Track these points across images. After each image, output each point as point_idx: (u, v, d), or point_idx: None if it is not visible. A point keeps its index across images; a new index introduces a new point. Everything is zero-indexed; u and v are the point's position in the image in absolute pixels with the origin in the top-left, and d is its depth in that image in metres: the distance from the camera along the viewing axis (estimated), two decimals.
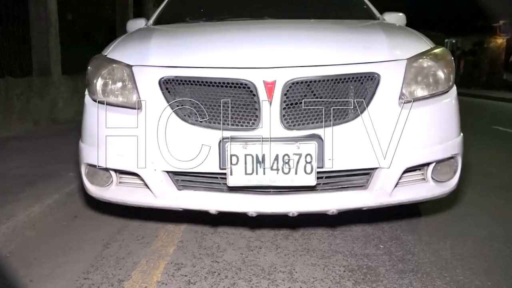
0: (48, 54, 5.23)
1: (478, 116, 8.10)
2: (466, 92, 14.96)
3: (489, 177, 3.30)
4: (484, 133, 5.67)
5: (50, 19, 5.22)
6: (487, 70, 18.88)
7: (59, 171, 2.97)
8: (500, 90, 16.21)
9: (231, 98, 1.64)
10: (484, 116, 8.71)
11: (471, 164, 3.27)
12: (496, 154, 4.33)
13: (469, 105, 10.98)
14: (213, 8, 2.98)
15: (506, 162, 3.92)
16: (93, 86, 1.87)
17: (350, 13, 2.91)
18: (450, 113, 1.80)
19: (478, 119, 7.39)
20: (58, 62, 5.48)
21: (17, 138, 4.27)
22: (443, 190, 1.81)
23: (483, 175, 3.29)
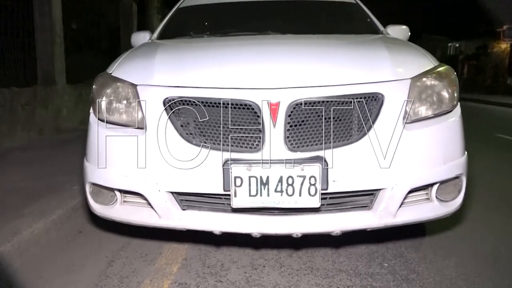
0: (53, 63, 5.26)
1: (481, 123, 8.08)
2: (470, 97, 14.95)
3: (492, 189, 3.28)
4: (488, 142, 5.65)
5: (55, 28, 5.26)
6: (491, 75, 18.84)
7: (63, 184, 2.98)
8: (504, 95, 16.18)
9: (235, 119, 1.65)
10: (488, 123, 8.67)
11: (474, 175, 3.26)
12: (500, 164, 4.31)
13: (472, 110, 10.97)
14: (216, 22, 3.00)
15: (510, 173, 3.90)
16: (97, 104, 1.88)
17: (353, 27, 2.92)
18: (454, 133, 1.80)
19: (481, 126, 7.38)
20: (62, 71, 5.51)
21: (21, 148, 4.29)
22: (447, 210, 1.80)
23: (487, 187, 3.28)
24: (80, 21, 6.60)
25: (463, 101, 5.97)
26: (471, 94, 16.71)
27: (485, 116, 10.24)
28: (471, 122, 6.63)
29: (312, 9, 3.06)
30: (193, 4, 3.18)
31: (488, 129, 7.07)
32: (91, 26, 7.08)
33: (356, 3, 3.13)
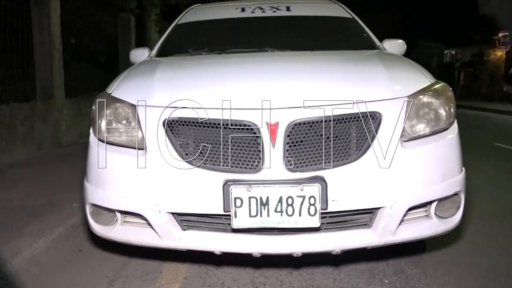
0: (52, 78, 5.28)
1: (479, 131, 8.08)
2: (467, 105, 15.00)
3: (492, 200, 3.29)
4: (486, 151, 5.66)
5: (53, 43, 5.29)
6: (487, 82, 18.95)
7: (63, 201, 2.98)
8: (501, 102, 16.26)
9: (234, 139, 1.66)
10: (486, 131, 8.69)
11: (473, 186, 3.26)
12: (498, 175, 4.32)
13: (469, 118, 11.01)
14: (215, 38, 3.02)
15: (509, 184, 3.91)
16: (97, 125, 1.88)
17: (350, 42, 2.95)
18: (452, 150, 1.81)
19: (479, 135, 7.38)
20: (61, 86, 5.53)
21: (20, 164, 4.29)
22: (446, 227, 1.81)
23: (486, 199, 3.29)
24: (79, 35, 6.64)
25: (461, 109, 5.94)
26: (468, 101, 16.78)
27: (482, 124, 10.27)
28: (469, 130, 6.64)
29: (310, 24, 3.09)
30: (191, 20, 3.20)
31: (486, 138, 7.07)
32: (90, 40, 7.12)
33: (353, 18, 3.15)
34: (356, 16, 3.22)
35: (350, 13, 3.21)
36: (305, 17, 3.13)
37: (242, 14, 3.14)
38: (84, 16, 6.68)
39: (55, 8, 5.29)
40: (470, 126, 8.50)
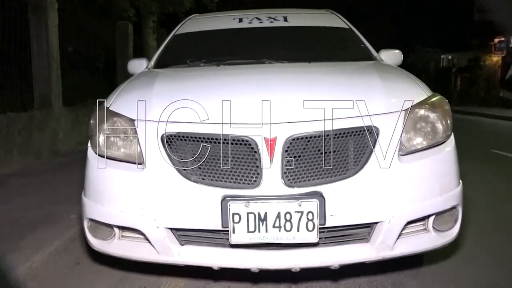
0: (50, 87, 5.29)
1: (476, 137, 8.11)
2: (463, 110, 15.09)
3: (489, 210, 3.30)
4: (483, 158, 5.67)
5: (51, 53, 5.30)
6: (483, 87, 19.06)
7: (60, 212, 2.97)
8: (497, 107, 16.35)
9: (232, 154, 1.66)
10: (482, 137, 8.73)
11: (471, 195, 3.26)
12: (496, 183, 4.33)
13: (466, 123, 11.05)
14: (212, 49, 3.02)
15: (506, 193, 3.92)
16: (95, 139, 1.88)
17: (347, 53, 2.96)
18: (449, 164, 1.82)
19: (476, 141, 7.40)
20: (59, 95, 5.54)
21: (18, 174, 4.28)
22: (444, 240, 1.81)
23: (484, 209, 3.29)
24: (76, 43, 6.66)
25: (457, 114, 5.94)
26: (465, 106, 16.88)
27: (479, 129, 10.32)
28: (465, 137, 6.65)
29: (307, 35, 3.11)
30: (189, 31, 3.21)
31: (483, 144, 7.09)
32: (87, 48, 7.14)
33: (350, 28, 3.17)
34: (352, 26, 3.24)
35: (347, 23, 3.23)
36: (302, 28, 3.15)
37: (240, 25, 3.15)
38: (82, 25, 6.70)
39: (53, 17, 5.31)
40: (467, 132, 8.53)
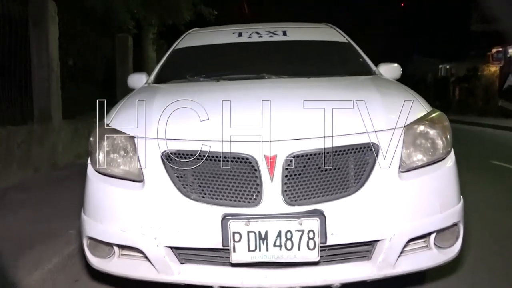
0: (49, 100, 5.29)
1: (475, 148, 8.10)
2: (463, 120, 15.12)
3: (490, 224, 3.28)
4: (483, 170, 5.66)
5: (51, 65, 5.32)
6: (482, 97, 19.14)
7: (59, 228, 2.94)
8: (496, 117, 16.40)
9: (233, 172, 1.66)
10: (482, 147, 8.72)
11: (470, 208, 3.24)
12: (496, 196, 4.31)
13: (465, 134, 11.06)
14: (212, 64, 3.04)
15: (507, 205, 3.90)
16: (95, 156, 1.88)
17: (346, 67, 2.98)
18: (449, 180, 1.82)
19: (475, 152, 7.39)
20: (59, 107, 5.54)
21: (16, 188, 4.26)
22: (446, 257, 1.80)
23: (484, 222, 3.27)
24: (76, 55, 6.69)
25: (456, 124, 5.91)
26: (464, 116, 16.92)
27: (478, 140, 10.32)
28: (465, 147, 6.64)
29: (306, 49, 3.12)
30: (189, 45, 3.22)
31: (482, 155, 7.08)
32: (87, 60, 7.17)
33: (349, 42, 3.18)
34: (351, 40, 3.26)
35: (345, 37, 3.25)
36: (301, 42, 3.16)
37: (239, 39, 3.17)
38: (82, 37, 6.74)
39: (54, 31, 5.34)
40: (466, 142, 8.53)
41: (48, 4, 5.25)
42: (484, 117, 16.76)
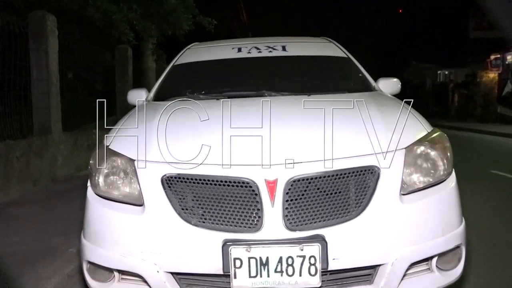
0: (49, 114, 5.29)
1: (474, 157, 8.03)
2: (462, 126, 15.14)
3: (492, 238, 3.27)
4: (483, 179, 5.64)
5: (51, 79, 5.32)
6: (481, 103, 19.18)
7: (59, 246, 2.93)
8: (495, 123, 16.43)
9: (233, 197, 1.65)
10: (482, 155, 8.69)
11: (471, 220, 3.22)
12: (497, 207, 4.29)
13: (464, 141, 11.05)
14: (211, 81, 3.04)
15: (508, 217, 3.88)
16: (95, 179, 1.87)
17: (346, 83, 2.98)
18: (451, 202, 1.81)
19: (475, 160, 7.35)
20: (58, 121, 5.54)
21: (16, 203, 4.24)
22: (448, 280, 1.79)
23: (485, 236, 3.26)
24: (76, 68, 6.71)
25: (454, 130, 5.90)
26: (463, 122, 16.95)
27: (477, 147, 10.30)
28: (464, 156, 6.62)
29: (306, 65, 3.13)
30: (188, 61, 3.22)
31: (482, 164, 7.05)
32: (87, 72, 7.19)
33: (348, 57, 3.19)
34: (350, 54, 3.26)
35: (345, 52, 3.25)
36: (301, 58, 3.17)
37: (239, 55, 3.17)
38: (81, 49, 6.75)
39: (53, 44, 5.36)
40: (465, 150, 8.51)
41: (48, 18, 5.27)
42: (483, 124, 16.79)
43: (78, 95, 6.86)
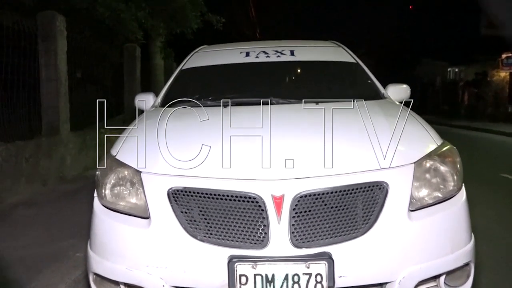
0: (58, 114, 5.32)
1: (483, 159, 7.83)
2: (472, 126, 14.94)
3: (500, 245, 3.22)
4: (493, 184, 5.53)
5: (60, 79, 5.35)
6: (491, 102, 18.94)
7: (67, 250, 2.95)
8: (506, 123, 16.21)
9: (239, 212, 1.64)
10: (491, 157, 8.52)
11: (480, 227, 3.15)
12: (506, 213, 4.23)
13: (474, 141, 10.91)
14: (219, 86, 3.03)
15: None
16: (101, 190, 1.87)
17: (355, 90, 2.94)
18: (460, 219, 1.78)
19: (484, 163, 7.13)
20: (67, 121, 5.57)
21: (25, 203, 4.28)
22: None
23: (494, 243, 3.20)
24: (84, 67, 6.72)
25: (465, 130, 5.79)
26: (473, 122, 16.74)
27: (487, 148, 10.13)
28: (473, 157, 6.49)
29: (314, 71, 3.10)
30: (196, 65, 3.20)
31: (492, 167, 6.86)
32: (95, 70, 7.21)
33: (357, 63, 3.14)
34: (359, 60, 3.22)
35: (354, 57, 3.21)
36: (309, 63, 3.13)
37: (247, 59, 3.14)
38: (90, 48, 6.76)
39: (62, 45, 5.38)
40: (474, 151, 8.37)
41: (57, 18, 5.28)
42: (493, 123, 16.56)
43: (86, 93, 6.88)
